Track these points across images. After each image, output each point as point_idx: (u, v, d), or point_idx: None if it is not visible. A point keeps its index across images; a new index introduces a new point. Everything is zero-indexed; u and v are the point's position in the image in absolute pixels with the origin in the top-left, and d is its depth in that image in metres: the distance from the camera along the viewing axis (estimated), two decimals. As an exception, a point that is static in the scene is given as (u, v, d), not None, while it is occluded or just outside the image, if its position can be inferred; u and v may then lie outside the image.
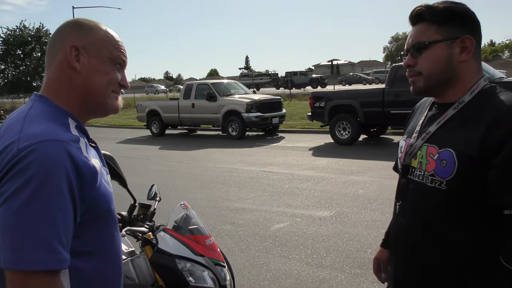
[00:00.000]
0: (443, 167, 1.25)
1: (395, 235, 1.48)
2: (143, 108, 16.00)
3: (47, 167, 0.97)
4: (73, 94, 1.18)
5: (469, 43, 1.28)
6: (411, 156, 1.39)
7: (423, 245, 1.34)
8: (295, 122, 16.12)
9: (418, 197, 1.36)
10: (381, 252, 1.72)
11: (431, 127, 1.35)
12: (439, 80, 1.32)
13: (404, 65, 1.38)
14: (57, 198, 0.97)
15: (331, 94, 11.91)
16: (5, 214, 0.95)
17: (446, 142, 1.27)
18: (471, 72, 1.31)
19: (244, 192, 6.85)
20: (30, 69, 40.88)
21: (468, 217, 1.25)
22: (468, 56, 1.29)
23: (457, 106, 1.30)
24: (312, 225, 5.11)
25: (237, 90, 14.84)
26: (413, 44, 1.34)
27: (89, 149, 1.14)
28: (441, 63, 1.30)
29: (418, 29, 1.33)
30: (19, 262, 0.93)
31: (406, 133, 1.51)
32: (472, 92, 1.30)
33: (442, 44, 1.29)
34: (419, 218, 1.35)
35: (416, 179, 1.36)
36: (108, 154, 2.01)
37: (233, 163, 9.30)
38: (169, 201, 5.86)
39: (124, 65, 1.26)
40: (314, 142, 11.77)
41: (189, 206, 2.27)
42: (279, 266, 4.06)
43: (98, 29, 1.22)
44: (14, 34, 40.63)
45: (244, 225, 5.25)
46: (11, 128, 1.08)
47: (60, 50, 1.18)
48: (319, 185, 6.99)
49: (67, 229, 0.99)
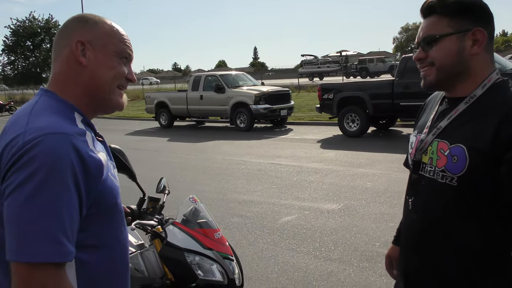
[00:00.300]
0: (454, 163, 1.24)
1: (406, 231, 1.47)
2: (151, 99, 16.04)
3: (52, 160, 0.97)
4: (79, 88, 1.18)
5: (480, 35, 1.26)
6: (422, 152, 1.37)
7: (434, 242, 1.33)
8: (304, 114, 16.07)
9: (429, 193, 1.34)
10: (393, 249, 1.71)
11: (442, 122, 1.33)
12: (451, 73, 1.30)
13: (415, 58, 1.36)
14: (62, 191, 0.98)
15: (340, 86, 11.82)
16: (11, 207, 0.96)
17: (457, 138, 1.25)
18: (483, 65, 1.29)
19: (252, 184, 6.86)
20: (39, 60, 41.19)
21: (479, 214, 1.24)
22: (479, 49, 1.27)
23: (469, 101, 1.28)
24: (320, 218, 5.11)
25: (245, 81, 14.80)
26: (424, 37, 1.32)
27: (95, 143, 1.15)
28: (452, 56, 1.28)
29: (429, 22, 1.31)
30: (24, 254, 0.93)
31: (417, 128, 1.50)
32: (484, 86, 1.28)
33: (454, 37, 1.27)
34: (430, 214, 1.34)
35: (427, 175, 1.35)
36: (117, 147, 2.02)
37: (241, 155, 9.31)
38: (177, 193, 5.88)
39: (130, 59, 1.26)
40: (322, 134, 11.73)
41: (197, 200, 2.27)
42: (287, 259, 4.07)
43: (104, 24, 1.22)
44: (23, 26, 40.93)
45: (252, 218, 5.27)
46: (17, 122, 1.08)
47: (66, 45, 1.18)
48: (327, 178, 6.98)
49: (72, 222, 1.00)
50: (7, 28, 40.55)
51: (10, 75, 42.69)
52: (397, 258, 1.64)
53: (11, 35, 40.88)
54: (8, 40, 41.03)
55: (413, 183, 1.42)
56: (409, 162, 1.49)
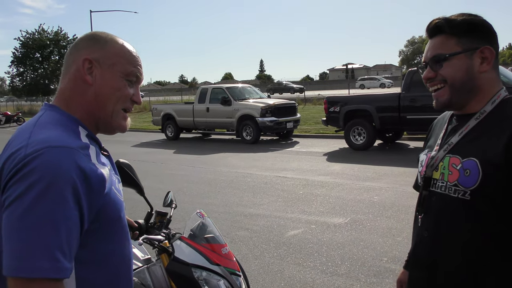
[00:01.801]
0: (467, 177, 1.24)
1: (417, 248, 1.45)
2: (158, 111, 16.12)
3: (52, 173, 0.97)
4: (84, 105, 1.18)
5: (488, 53, 1.29)
6: (433, 168, 1.37)
7: (447, 259, 1.31)
8: (310, 127, 16.07)
9: (441, 209, 1.33)
10: (403, 274, 1.67)
11: (453, 138, 1.34)
12: (462, 91, 1.31)
13: (424, 78, 1.37)
14: (61, 205, 0.96)
15: (346, 99, 11.83)
16: (8, 219, 0.95)
17: (470, 152, 1.26)
18: (491, 82, 1.32)
19: (258, 197, 6.84)
20: (48, 72, 41.63)
21: (493, 229, 1.23)
22: (488, 67, 1.30)
23: (479, 117, 1.30)
24: (326, 232, 5.08)
25: (251, 94, 14.86)
26: (433, 57, 1.33)
27: (99, 156, 1.14)
28: (462, 74, 1.29)
29: (437, 42, 1.33)
30: (20, 269, 0.92)
31: (427, 148, 1.50)
32: (493, 102, 1.30)
33: (462, 55, 1.29)
34: (443, 230, 1.33)
35: (439, 190, 1.34)
36: (126, 162, 2.02)
37: (247, 168, 9.30)
38: (183, 206, 5.89)
39: (138, 81, 1.25)
40: (328, 147, 11.72)
41: (205, 215, 2.27)
42: (293, 273, 4.04)
43: (114, 43, 1.21)
44: (33, 38, 41.44)
45: (258, 231, 5.24)
46: (20, 135, 1.09)
47: (74, 62, 1.19)
48: (334, 191, 6.95)
49: (71, 237, 0.98)
50: (17, 40, 41.16)
51: (18, 86, 43.15)
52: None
53: (20, 47, 41.42)
54: (17, 52, 41.58)
55: (424, 200, 1.41)
56: (419, 181, 1.48)
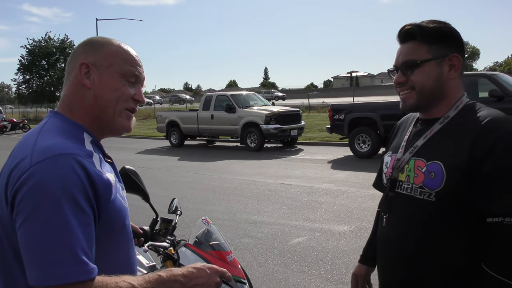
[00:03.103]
0: (432, 179, 1.30)
1: (384, 248, 1.51)
2: (162, 119, 16.17)
3: (61, 181, 0.97)
4: (85, 111, 1.19)
5: (456, 61, 1.35)
6: (399, 170, 1.43)
7: (414, 258, 1.37)
8: (314, 134, 16.06)
9: (407, 210, 1.39)
10: (358, 268, 1.76)
11: (418, 141, 1.39)
12: (430, 97, 1.37)
13: (395, 82, 1.43)
14: (76, 211, 0.97)
15: (351, 107, 11.82)
16: (27, 233, 0.96)
17: (434, 155, 1.32)
18: (456, 88, 1.38)
19: (262, 205, 6.82)
20: (54, 79, 41.93)
21: (457, 228, 1.29)
22: (456, 74, 1.36)
23: (443, 121, 1.37)
24: (331, 240, 5.05)
25: (256, 101, 14.90)
26: (405, 62, 1.37)
27: (103, 164, 1.14)
28: (431, 80, 1.35)
29: (409, 48, 1.38)
30: (50, 277, 0.93)
31: (391, 149, 1.56)
32: (456, 107, 1.37)
33: (433, 62, 1.34)
34: (409, 230, 1.39)
35: (404, 192, 1.40)
36: (131, 168, 2.03)
37: (252, 175, 9.30)
38: (188, 213, 5.89)
39: (138, 80, 1.24)
40: (333, 155, 11.70)
41: (210, 222, 2.26)
42: (298, 281, 4.02)
43: (110, 45, 1.22)
44: (39, 45, 41.79)
45: (263, 239, 5.22)
46: (25, 143, 1.09)
47: (73, 68, 1.20)
48: (339, 199, 6.92)
49: (90, 240, 1.00)
50: (24, 48, 41.52)
51: (24, 94, 43.45)
52: (364, 276, 1.73)
53: (27, 54, 41.76)
54: (24, 59, 41.93)
55: (389, 201, 1.47)
56: (384, 182, 1.54)
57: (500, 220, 1.19)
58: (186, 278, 1.11)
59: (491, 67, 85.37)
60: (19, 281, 1.04)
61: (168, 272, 1.09)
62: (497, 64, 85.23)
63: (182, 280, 1.09)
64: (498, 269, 1.19)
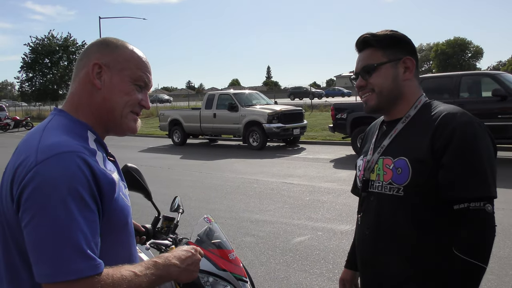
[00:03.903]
0: (399, 174, 1.39)
1: (361, 246, 1.58)
2: (165, 117, 16.19)
3: (67, 179, 0.98)
4: (92, 110, 1.19)
5: (410, 63, 1.47)
6: (370, 171, 1.51)
7: (388, 254, 1.44)
8: (316, 134, 16.05)
9: (379, 207, 1.47)
10: (345, 273, 1.82)
11: (385, 141, 1.49)
12: (388, 97, 1.47)
13: (356, 86, 1.53)
14: (82, 208, 0.99)
15: (353, 106, 11.80)
16: (35, 231, 0.97)
17: (400, 152, 1.41)
18: (413, 89, 1.49)
19: (264, 203, 6.82)
20: (57, 77, 42.01)
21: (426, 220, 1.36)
22: (411, 75, 1.47)
23: (405, 120, 1.47)
24: (333, 239, 5.05)
25: (258, 100, 14.89)
26: (363, 67, 1.48)
27: (106, 162, 1.15)
28: (389, 82, 1.46)
29: (366, 54, 1.49)
30: (59, 274, 0.94)
31: (362, 153, 1.65)
32: (416, 107, 1.47)
33: (388, 65, 1.46)
34: (382, 227, 1.46)
35: (376, 190, 1.48)
36: (134, 166, 2.03)
37: (254, 174, 9.30)
38: (190, 211, 5.89)
39: (146, 86, 1.26)
40: (335, 154, 11.69)
41: (212, 220, 2.26)
42: (300, 280, 4.02)
43: (124, 48, 1.23)
44: (42, 43, 41.85)
45: (265, 237, 5.22)
46: (30, 140, 1.09)
47: (84, 66, 1.20)
48: (341, 198, 6.92)
49: (96, 236, 1.02)
50: (27, 46, 41.61)
51: (27, 92, 43.56)
52: (350, 280, 1.78)
53: (30, 52, 41.85)
54: (27, 57, 42.01)
55: (363, 201, 1.56)
56: (358, 184, 1.63)
57: (466, 205, 1.29)
58: (180, 260, 1.20)
59: (494, 66, 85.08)
60: (23, 278, 1.05)
61: (162, 258, 1.17)
62: (500, 64, 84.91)
63: (177, 262, 1.18)
64: (467, 252, 1.27)
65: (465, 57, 76.44)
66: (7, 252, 1.08)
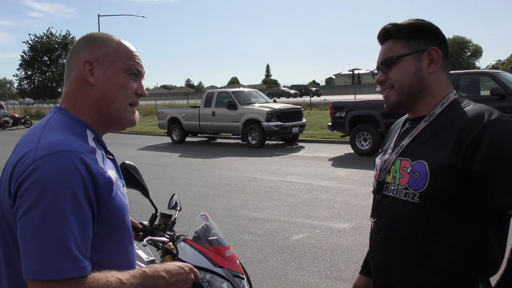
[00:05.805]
0: (416, 179, 1.25)
1: (372, 252, 1.47)
2: (164, 115, 16.19)
3: (63, 178, 0.98)
4: (90, 107, 1.19)
5: (435, 54, 1.31)
6: (386, 172, 1.39)
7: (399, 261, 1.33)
8: (315, 132, 16.06)
9: (392, 212, 1.35)
10: (359, 279, 1.70)
11: (404, 141, 1.36)
12: (410, 93, 1.34)
13: (376, 81, 1.41)
14: (75, 207, 0.98)
15: (352, 104, 11.81)
16: (25, 226, 0.97)
17: (419, 154, 1.28)
18: (440, 84, 1.34)
19: (263, 201, 6.83)
20: (56, 75, 41.94)
21: (441, 229, 1.24)
22: (436, 68, 1.32)
23: (429, 119, 1.33)
24: (331, 237, 5.06)
25: (257, 98, 14.89)
26: (383, 60, 1.36)
27: (105, 160, 1.15)
28: (410, 75, 1.32)
29: (387, 47, 1.37)
30: (42, 272, 0.94)
31: (383, 151, 1.53)
32: (442, 104, 1.32)
33: (410, 57, 1.32)
34: (394, 234, 1.35)
35: (390, 194, 1.36)
36: (131, 164, 2.04)
37: (252, 172, 9.31)
38: (188, 209, 5.90)
39: (140, 74, 1.26)
40: (334, 152, 11.70)
41: (209, 217, 2.27)
42: (297, 278, 4.03)
43: (111, 41, 1.23)
44: (41, 41, 41.77)
45: (263, 235, 5.23)
46: (30, 137, 1.10)
47: (75, 65, 1.20)
48: (339, 196, 6.93)
49: (86, 237, 1.01)
50: (26, 44, 41.56)
51: (26, 89, 43.50)
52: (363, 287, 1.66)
53: (29, 50, 41.77)
54: (26, 55, 41.95)
55: (377, 204, 1.43)
56: (374, 184, 1.49)
57: None
58: (169, 273, 1.17)
59: (493, 65, 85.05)
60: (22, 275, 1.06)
61: (151, 268, 1.14)
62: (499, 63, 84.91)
63: (165, 275, 1.15)
64: None
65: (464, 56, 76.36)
66: (6, 249, 1.09)
